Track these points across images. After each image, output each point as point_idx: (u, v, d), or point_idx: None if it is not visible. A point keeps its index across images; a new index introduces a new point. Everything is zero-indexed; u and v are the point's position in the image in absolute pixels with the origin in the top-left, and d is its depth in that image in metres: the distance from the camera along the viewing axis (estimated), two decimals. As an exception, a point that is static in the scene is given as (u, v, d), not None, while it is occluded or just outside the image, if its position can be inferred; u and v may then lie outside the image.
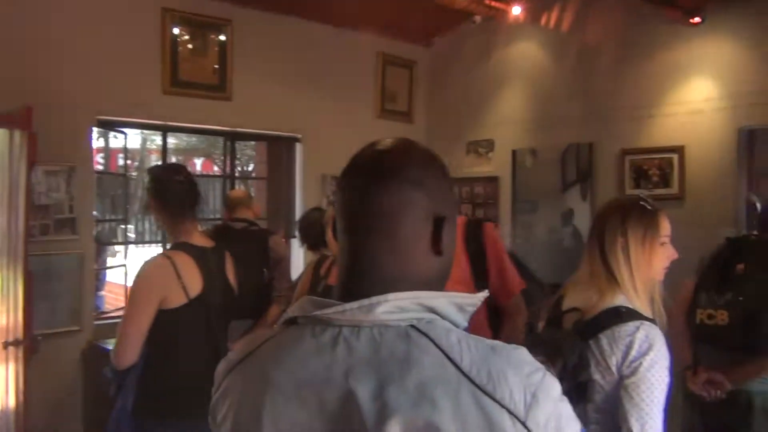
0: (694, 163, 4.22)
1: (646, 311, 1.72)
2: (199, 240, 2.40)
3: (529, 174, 5.14)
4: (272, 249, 3.51)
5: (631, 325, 1.66)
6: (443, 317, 0.85)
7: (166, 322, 2.22)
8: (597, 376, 1.68)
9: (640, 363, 1.63)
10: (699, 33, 4.17)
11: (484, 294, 0.93)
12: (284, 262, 3.62)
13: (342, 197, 0.93)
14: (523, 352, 0.85)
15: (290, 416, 0.83)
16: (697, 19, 4.00)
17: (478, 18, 5.19)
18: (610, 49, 4.68)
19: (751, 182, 4.26)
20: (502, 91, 5.36)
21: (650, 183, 4.41)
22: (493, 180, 5.39)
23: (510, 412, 0.78)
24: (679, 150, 4.26)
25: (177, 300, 2.23)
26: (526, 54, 5.20)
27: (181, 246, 2.33)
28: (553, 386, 0.83)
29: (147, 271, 2.25)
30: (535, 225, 5.11)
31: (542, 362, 1.68)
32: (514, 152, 5.24)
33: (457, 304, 0.87)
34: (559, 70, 4.99)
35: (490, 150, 5.44)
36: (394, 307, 0.83)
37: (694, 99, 4.24)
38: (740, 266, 2.72)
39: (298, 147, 5.16)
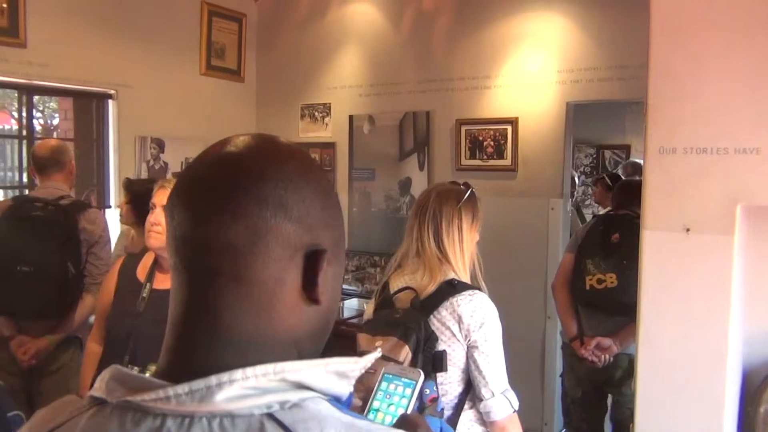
0: (526, 135, 4.31)
1: (468, 282, 1.96)
2: None
3: (367, 141, 4.99)
4: (84, 230, 2.98)
5: (465, 295, 1.87)
6: (320, 393, 0.61)
7: None
8: (444, 346, 1.84)
9: (480, 327, 1.84)
10: (534, 6, 4.22)
11: (375, 355, 0.70)
12: (100, 242, 3.10)
13: (171, 222, 0.65)
14: None
15: None
16: (534, -7, 4.03)
17: (313, -28, 4.86)
18: (447, 17, 4.62)
19: (573, 155, 4.47)
20: (339, 54, 5.12)
21: (485, 154, 4.46)
22: (329, 146, 5.17)
23: None
24: (513, 122, 4.33)
25: None
26: (364, 15, 4.99)
27: None
28: None
29: None
30: (373, 193, 4.99)
31: (396, 343, 1.77)
32: (351, 118, 5.05)
33: (338, 372, 0.63)
34: (397, 35, 4.84)
35: (327, 115, 5.20)
36: (245, 388, 0.58)
37: (527, 71, 4.31)
38: (615, 236, 3.03)
39: (111, 104, 4.53)
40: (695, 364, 1.97)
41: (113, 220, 4.31)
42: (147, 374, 0.61)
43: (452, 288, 1.88)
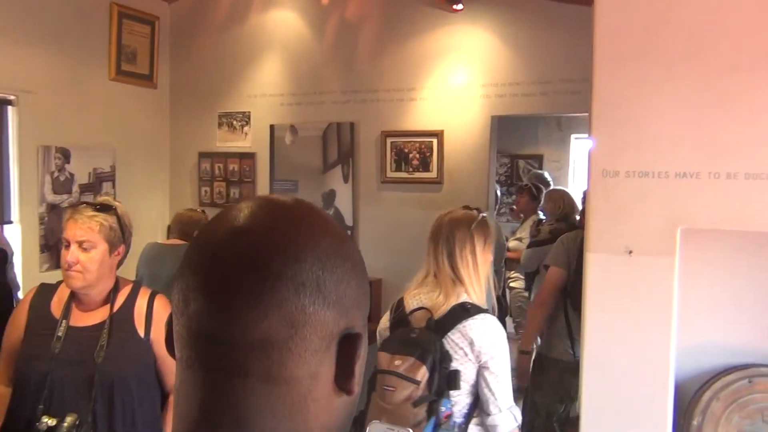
0: (452, 147, 4.33)
1: (483, 304, 2.08)
2: None
3: (289, 151, 4.86)
4: None
5: (477, 319, 2.00)
6: None
7: None
8: (456, 365, 1.97)
9: (490, 350, 1.98)
10: (459, 20, 4.25)
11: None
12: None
13: (184, 310, 0.55)
14: None
15: None
16: (459, 7, 4.05)
17: (232, -23, 4.68)
18: (371, 28, 4.57)
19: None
20: (259, 61, 4.96)
21: (411, 166, 4.45)
22: (249, 156, 5.00)
23: None
24: (439, 134, 4.34)
25: None
26: (285, 23, 4.86)
27: None
28: None
29: None
30: (296, 206, 4.86)
31: (414, 363, 1.93)
32: (272, 127, 4.90)
33: None
34: (320, 43, 4.75)
35: (246, 124, 5.02)
36: None
37: (453, 85, 4.33)
38: None
39: (11, 111, 4.16)
40: (638, 381, 2.01)
41: (14, 238, 3.97)
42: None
43: (465, 311, 2.01)
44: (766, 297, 2.02)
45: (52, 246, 4.33)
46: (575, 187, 6.92)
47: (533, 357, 3.39)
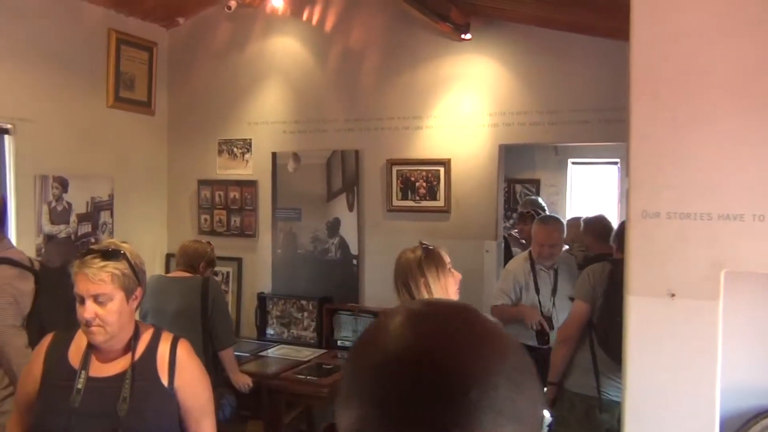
0: (459, 176, 4.29)
1: None
2: None
3: (292, 179, 4.78)
4: None
5: None
6: None
7: None
8: None
9: None
10: (467, 49, 4.23)
11: None
12: None
13: None
14: None
15: None
16: (468, 36, 4.02)
17: (233, 3, 4.60)
18: (376, 55, 4.53)
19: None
20: (261, 88, 4.89)
21: (417, 195, 4.39)
22: (251, 184, 4.91)
23: None
24: (446, 163, 4.29)
25: None
26: (288, 50, 4.80)
27: None
28: None
29: None
30: (299, 234, 4.78)
31: None
32: (274, 155, 4.82)
33: None
34: (323, 71, 4.69)
35: (247, 151, 4.94)
36: None
37: (460, 113, 4.29)
38: None
39: (8, 140, 4.04)
40: (683, 425, 1.95)
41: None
42: None
43: None
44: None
45: (48, 278, 4.19)
46: (572, 213, 6.92)
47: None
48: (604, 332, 3.08)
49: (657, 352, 1.98)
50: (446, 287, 2.29)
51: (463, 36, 4.03)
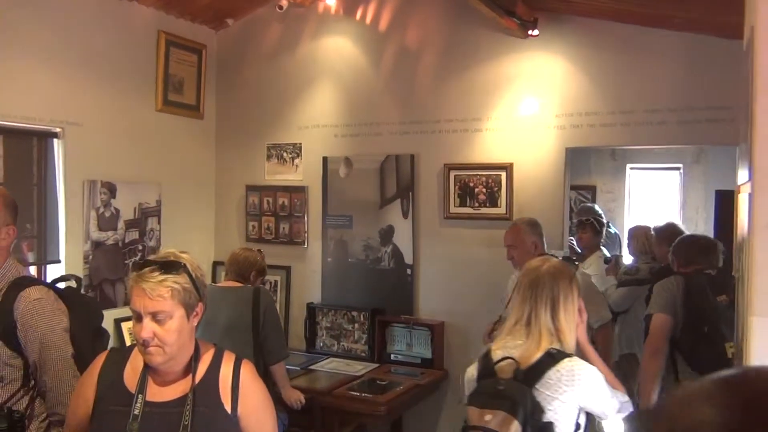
0: (522, 181, 4.04)
1: (571, 350, 2.10)
2: None
3: (344, 185, 4.59)
4: (22, 316, 1.97)
5: (564, 362, 2.01)
6: None
7: None
8: (551, 414, 1.96)
9: (583, 388, 1.99)
10: (530, 46, 3.98)
11: None
12: (34, 332, 1.99)
13: None
14: None
15: None
16: (536, 32, 3.78)
17: (284, 3, 4.45)
18: (432, 55, 4.32)
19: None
20: (311, 90, 4.72)
21: (477, 201, 4.16)
22: (300, 190, 4.73)
23: None
24: (508, 167, 4.05)
25: None
26: (340, 50, 4.62)
27: None
28: None
29: None
30: (351, 242, 4.58)
31: (506, 418, 1.91)
32: (325, 159, 4.64)
33: None
34: (377, 72, 4.50)
35: (297, 156, 4.77)
36: None
37: (522, 115, 4.05)
38: (722, 297, 2.95)
39: (57, 144, 3.94)
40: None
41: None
42: None
43: (551, 358, 2.02)
44: None
45: (96, 286, 4.09)
46: (630, 220, 6.58)
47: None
48: (688, 347, 2.99)
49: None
50: (578, 311, 2.19)
51: (530, 32, 3.78)
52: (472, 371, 2.17)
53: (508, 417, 1.89)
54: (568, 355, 2.05)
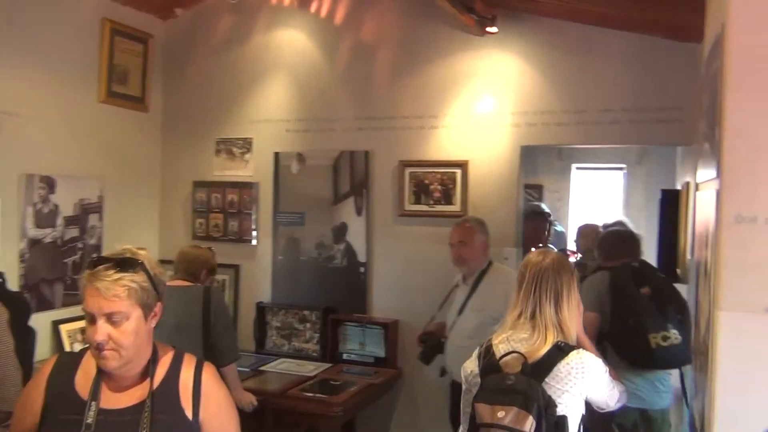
0: (477, 179, 4.04)
1: (574, 342, 2.12)
2: None
3: (296, 181, 4.49)
4: None
5: (572, 355, 2.03)
6: None
7: None
8: (562, 407, 1.97)
9: (590, 380, 2.02)
10: (488, 44, 3.99)
11: None
12: None
13: None
14: None
15: None
16: (494, 29, 3.78)
17: (236, -7, 4.32)
18: (388, 51, 4.27)
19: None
20: (264, 84, 4.59)
21: (432, 199, 4.13)
22: (250, 186, 4.60)
23: None
24: (463, 165, 4.04)
25: None
26: (294, 44, 4.52)
27: None
28: None
29: None
30: (303, 240, 4.49)
31: (519, 413, 1.89)
32: (276, 155, 4.53)
33: None
34: (331, 66, 4.42)
35: (247, 151, 4.64)
36: None
37: (478, 112, 4.05)
38: (646, 290, 3.03)
39: (-11, 136, 3.70)
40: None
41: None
42: None
43: (560, 351, 2.03)
44: None
45: (33, 286, 3.86)
46: (575, 219, 6.71)
47: None
48: (618, 339, 3.10)
49: (750, 372, 1.74)
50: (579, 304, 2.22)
51: (488, 29, 3.78)
52: (471, 367, 2.15)
53: (521, 413, 1.87)
54: (575, 348, 2.06)
